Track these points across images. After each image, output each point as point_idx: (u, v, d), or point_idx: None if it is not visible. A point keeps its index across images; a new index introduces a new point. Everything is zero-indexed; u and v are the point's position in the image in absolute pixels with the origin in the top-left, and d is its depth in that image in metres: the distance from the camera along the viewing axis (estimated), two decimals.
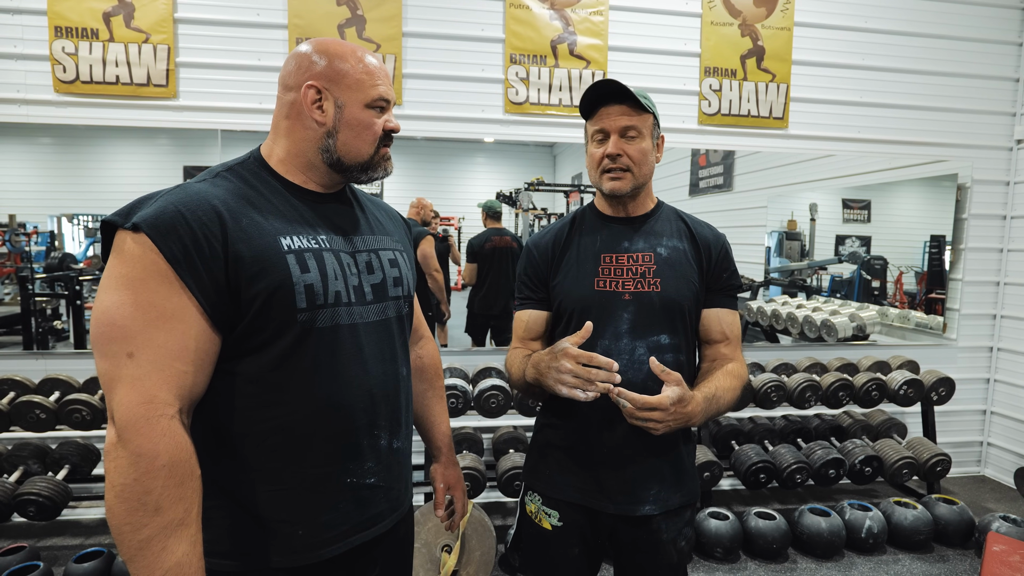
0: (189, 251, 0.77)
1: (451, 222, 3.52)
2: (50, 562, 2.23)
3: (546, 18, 2.81)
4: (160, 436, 0.73)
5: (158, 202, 0.79)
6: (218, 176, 0.89)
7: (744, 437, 2.92)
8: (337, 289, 0.90)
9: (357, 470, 0.93)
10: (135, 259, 0.76)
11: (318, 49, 0.92)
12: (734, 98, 2.98)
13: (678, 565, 1.24)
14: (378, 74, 0.94)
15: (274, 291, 0.83)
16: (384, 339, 0.98)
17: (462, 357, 3.00)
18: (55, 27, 2.48)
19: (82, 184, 2.86)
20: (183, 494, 0.74)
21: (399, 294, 1.02)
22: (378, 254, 1.01)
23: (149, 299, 0.76)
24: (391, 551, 1.04)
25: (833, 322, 3.25)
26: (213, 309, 0.79)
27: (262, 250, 0.83)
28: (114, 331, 0.74)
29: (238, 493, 0.86)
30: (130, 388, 0.73)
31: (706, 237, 1.24)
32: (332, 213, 0.97)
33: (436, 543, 2.14)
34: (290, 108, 0.93)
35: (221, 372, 0.84)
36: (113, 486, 0.72)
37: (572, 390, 1.00)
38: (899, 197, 3.51)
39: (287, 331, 0.85)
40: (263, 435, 0.86)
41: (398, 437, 1.01)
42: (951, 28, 3.14)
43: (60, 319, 2.86)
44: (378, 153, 0.96)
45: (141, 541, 0.71)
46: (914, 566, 2.43)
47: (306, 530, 0.89)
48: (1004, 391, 3.37)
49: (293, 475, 0.88)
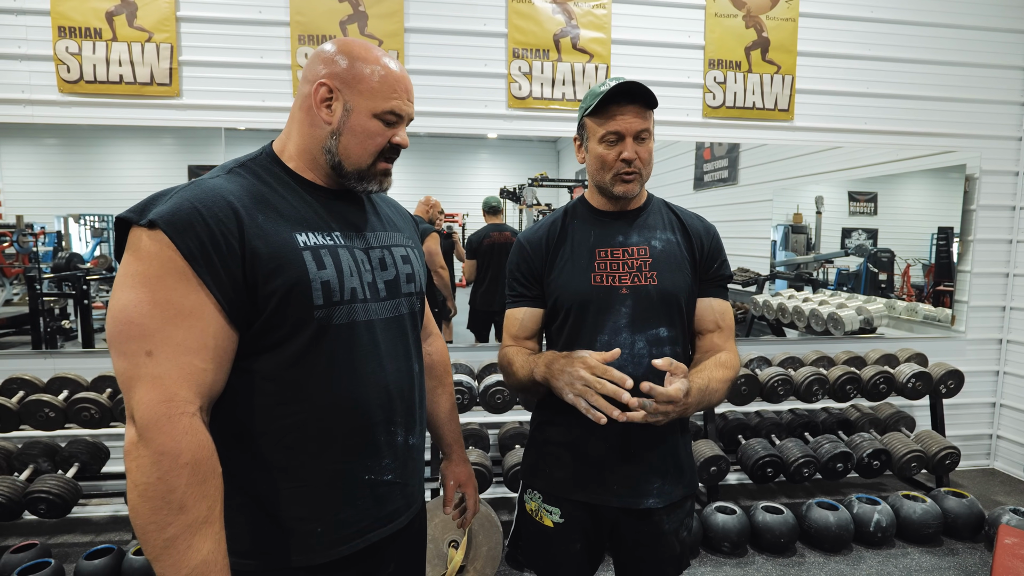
0: (206, 248, 0.76)
1: (455, 219, 3.51)
2: (61, 559, 2.25)
3: (548, 12, 2.79)
4: (182, 434, 0.72)
5: (173, 198, 0.79)
6: (231, 172, 0.88)
7: (751, 431, 2.91)
8: (353, 286, 0.90)
9: (375, 467, 0.93)
10: (152, 256, 0.75)
11: (343, 49, 0.91)
12: (739, 90, 2.96)
13: (680, 556, 1.25)
14: (396, 87, 0.92)
15: (291, 288, 0.83)
16: (398, 336, 0.98)
17: (467, 353, 3.00)
18: (59, 27, 2.49)
19: (88, 184, 2.88)
20: (206, 491, 0.74)
21: (412, 290, 1.02)
22: (391, 250, 1.00)
23: (167, 296, 0.75)
24: (406, 547, 1.04)
25: (840, 315, 3.22)
26: (231, 306, 0.79)
27: (279, 247, 0.83)
28: (132, 329, 0.74)
29: (256, 491, 0.86)
30: (150, 386, 0.73)
31: (697, 228, 1.24)
32: (344, 210, 0.96)
33: (443, 538, 2.14)
34: (303, 101, 0.92)
35: (238, 370, 0.83)
36: (136, 485, 0.71)
37: (576, 398, 1.01)
38: (906, 189, 3.48)
39: (304, 328, 0.85)
40: (281, 432, 0.86)
41: (413, 433, 1.01)
42: (958, 17, 3.10)
43: (68, 319, 2.88)
44: (376, 166, 0.95)
45: (166, 540, 0.71)
46: (923, 560, 2.42)
47: (325, 527, 0.88)
48: (1014, 383, 3.34)
49: (311, 472, 0.87)
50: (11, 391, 2.46)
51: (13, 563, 2.10)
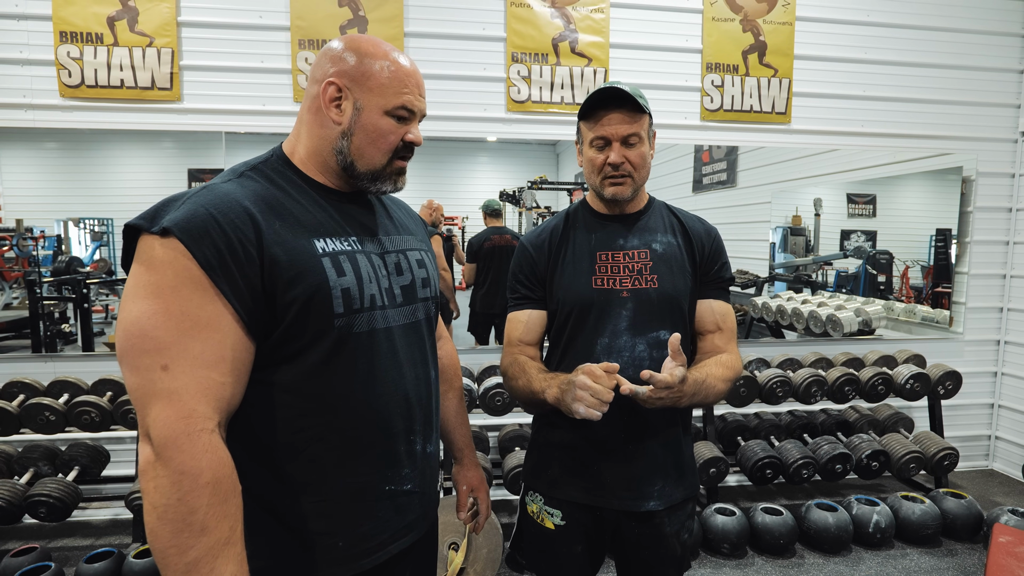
0: (223, 256, 0.73)
1: (455, 222, 3.52)
2: (61, 563, 2.25)
3: (547, 16, 2.81)
4: (203, 452, 0.69)
5: (187, 204, 0.75)
6: (243, 176, 0.85)
7: (750, 433, 2.91)
8: (372, 292, 0.87)
9: (395, 477, 0.91)
10: (166, 265, 0.72)
11: (350, 46, 0.88)
12: (736, 94, 2.98)
13: (681, 558, 1.25)
14: (407, 82, 0.89)
15: (311, 296, 0.80)
16: (415, 342, 0.95)
17: (467, 356, 3.00)
18: (60, 32, 2.50)
19: (88, 188, 2.89)
20: (228, 511, 0.71)
21: (427, 295, 1.00)
22: (406, 255, 0.97)
23: (182, 308, 0.71)
24: (421, 555, 1.02)
25: (838, 317, 3.24)
26: (249, 316, 0.76)
27: (297, 253, 0.80)
28: (146, 343, 0.70)
29: (275, 507, 0.83)
30: (167, 403, 0.69)
31: (698, 230, 1.25)
32: (358, 213, 0.93)
33: (443, 540, 2.14)
34: (312, 102, 0.89)
35: (255, 382, 0.80)
36: (155, 507, 0.68)
37: (589, 409, 0.98)
38: (904, 191, 3.50)
39: (324, 337, 0.82)
40: (301, 445, 0.82)
41: (430, 441, 0.99)
42: (954, 20, 3.12)
43: (68, 322, 2.88)
44: (391, 165, 0.92)
45: (188, 564, 0.68)
46: (922, 560, 2.43)
47: (346, 541, 0.86)
48: (1012, 384, 3.35)
49: (332, 486, 0.85)
50: (11, 395, 2.46)
51: (13, 567, 2.10)
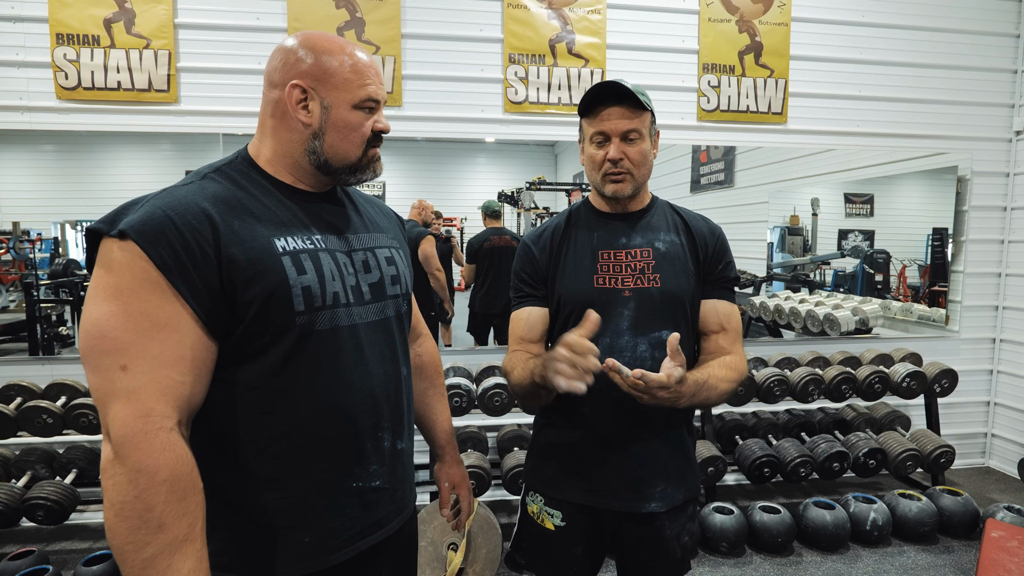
0: (180, 257, 0.74)
1: (453, 223, 3.53)
2: (59, 566, 2.24)
3: (544, 17, 2.82)
4: (160, 450, 0.70)
5: (144, 207, 0.77)
6: (206, 178, 0.85)
7: (748, 432, 2.92)
8: (335, 290, 0.88)
9: (362, 473, 0.92)
10: (123, 267, 0.73)
11: (305, 44, 0.88)
12: (732, 94, 2.99)
13: (682, 560, 1.25)
14: (367, 72, 0.90)
15: (271, 295, 0.81)
16: (384, 339, 0.96)
17: (466, 356, 3.01)
18: (56, 34, 2.50)
19: (85, 190, 2.88)
20: (186, 509, 0.72)
21: (397, 292, 1.00)
22: (375, 252, 0.98)
23: (141, 308, 0.73)
24: (397, 553, 1.03)
25: (836, 316, 3.25)
26: (208, 316, 0.77)
27: (256, 253, 0.81)
28: (105, 343, 0.71)
29: (241, 503, 0.84)
30: (125, 402, 0.71)
31: (701, 229, 1.23)
32: (325, 212, 0.94)
33: (442, 541, 2.15)
34: (275, 107, 0.89)
35: (219, 380, 0.81)
36: (112, 504, 0.69)
37: (570, 381, 0.91)
38: (901, 190, 3.51)
39: (286, 335, 0.83)
40: (265, 443, 0.84)
41: (401, 438, 0.99)
42: (949, 21, 3.14)
43: (65, 325, 2.87)
44: (366, 155, 0.93)
45: (145, 560, 0.69)
46: (919, 558, 2.44)
47: (313, 537, 0.87)
48: (1007, 382, 3.37)
49: (298, 482, 0.86)
50: (8, 397, 2.45)
51: (11, 570, 2.09)
